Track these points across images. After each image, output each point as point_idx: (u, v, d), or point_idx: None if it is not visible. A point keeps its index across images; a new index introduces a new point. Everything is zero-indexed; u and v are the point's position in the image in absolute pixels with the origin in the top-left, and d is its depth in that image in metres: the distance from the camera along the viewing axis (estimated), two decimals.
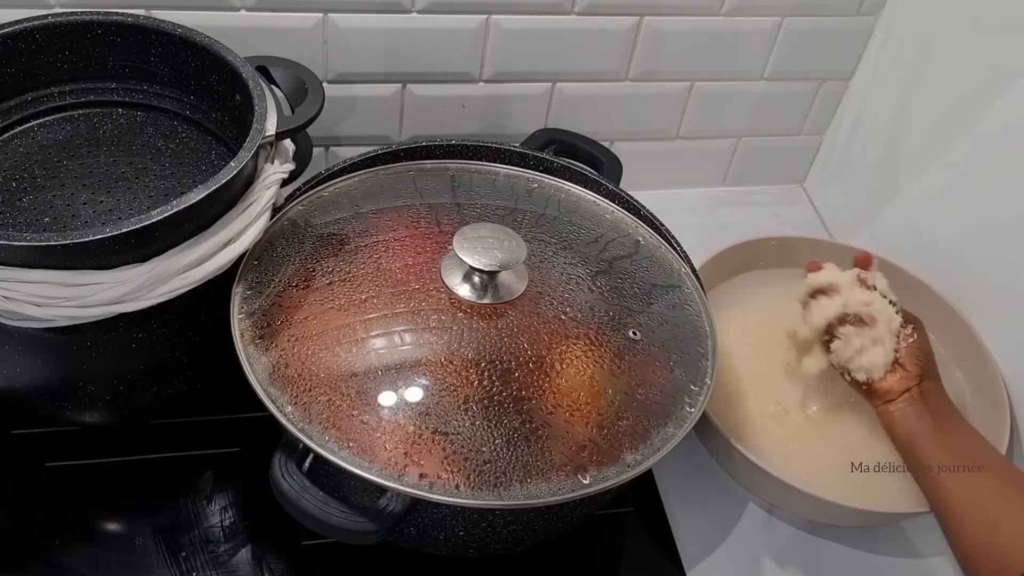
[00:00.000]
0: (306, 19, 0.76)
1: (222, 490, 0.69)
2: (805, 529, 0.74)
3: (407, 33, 0.79)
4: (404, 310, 0.61)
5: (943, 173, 0.83)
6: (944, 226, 0.84)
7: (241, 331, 0.59)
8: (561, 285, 0.65)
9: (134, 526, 0.66)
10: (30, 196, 0.66)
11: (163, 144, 0.71)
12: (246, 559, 0.65)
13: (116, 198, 0.68)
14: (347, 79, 0.81)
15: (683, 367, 0.63)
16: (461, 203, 0.71)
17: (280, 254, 0.64)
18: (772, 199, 1.02)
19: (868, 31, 0.91)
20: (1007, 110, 0.76)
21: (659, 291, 0.68)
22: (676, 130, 0.95)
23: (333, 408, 0.56)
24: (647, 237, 0.73)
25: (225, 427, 0.71)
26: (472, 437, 0.56)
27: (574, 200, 0.75)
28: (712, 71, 0.90)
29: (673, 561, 0.70)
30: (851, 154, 0.97)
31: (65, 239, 0.52)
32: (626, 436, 0.58)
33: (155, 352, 0.61)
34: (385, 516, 0.53)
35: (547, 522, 0.63)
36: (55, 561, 0.64)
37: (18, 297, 0.53)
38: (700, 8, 0.84)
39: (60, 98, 0.70)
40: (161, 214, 0.53)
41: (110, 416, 0.66)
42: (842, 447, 0.72)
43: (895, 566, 0.73)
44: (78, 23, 0.66)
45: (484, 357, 0.59)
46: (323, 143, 0.86)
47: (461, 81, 0.84)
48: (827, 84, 0.95)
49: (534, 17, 0.81)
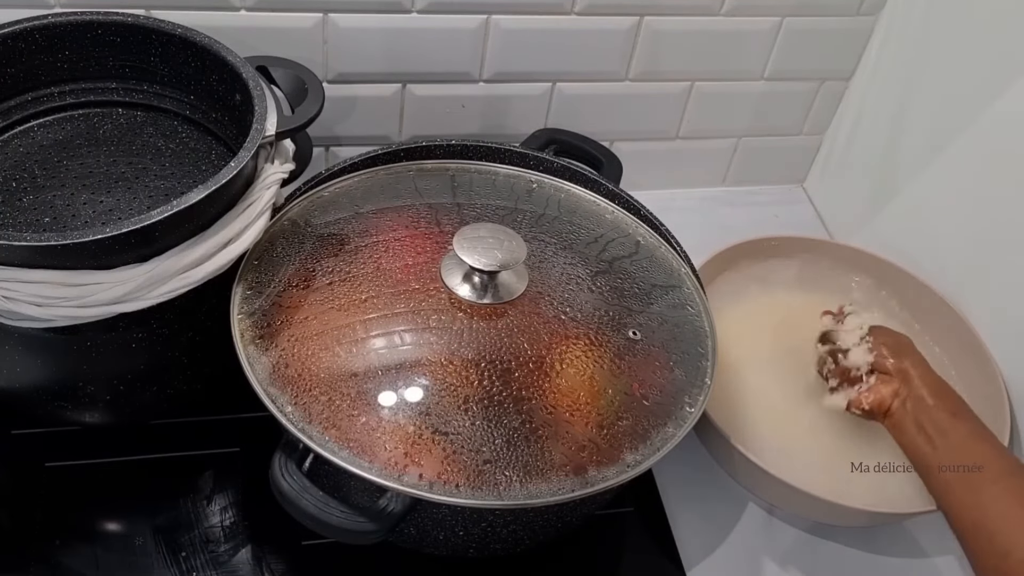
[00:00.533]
0: (306, 19, 0.76)
1: (222, 490, 0.69)
2: (805, 529, 0.74)
3: (407, 33, 0.79)
4: (404, 310, 0.61)
5: (943, 173, 0.83)
6: (944, 226, 0.84)
7: (241, 331, 0.59)
8: (561, 285, 0.65)
9: (134, 526, 0.66)
10: (30, 196, 0.66)
11: (163, 144, 0.71)
12: (246, 559, 0.65)
13: (116, 198, 0.68)
14: (347, 79, 0.81)
15: (683, 367, 0.63)
16: (461, 203, 0.71)
17: (280, 254, 0.64)
18: (772, 199, 1.02)
19: (868, 31, 0.91)
20: (1007, 110, 0.76)
21: (659, 291, 0.68)
22: (676, 130, 0.95)
23: (333, 408, 0.56)
24: (647, 237, 0.73)
25: (225, 427, 0.71)
26: (472, 437, 0.56)
27: (574, 200, 0.75)
28: (712, 71, 0.90)
29: (673, 561, 0.70)
30: (851, 154, 0.97)
31: (65, 239, 0.52)
32: (626, 436, 0.58)
33: (155, 352, 0.61)
34: (385, 516, 0.53)
35: (547, 522, 0.63)
36: (55, 561, 0.64)
37: (18, 297, 0.53)
38: (700, 8, 0.84)
39: (60, 98, 0.70)
40: (161, 214, 0.53)
41: (110, 416, 0.66)
42: (842, 447, 0.73)
43: (896, 566, 0.73)
44: (78, 23, 0.66)
45: (484, 357, 0.59)
46: (323, 143, 0.86)
47: (461, 81, 0.84)
48: (827, 84, 0.95)
49: (534, 17, 0.81)
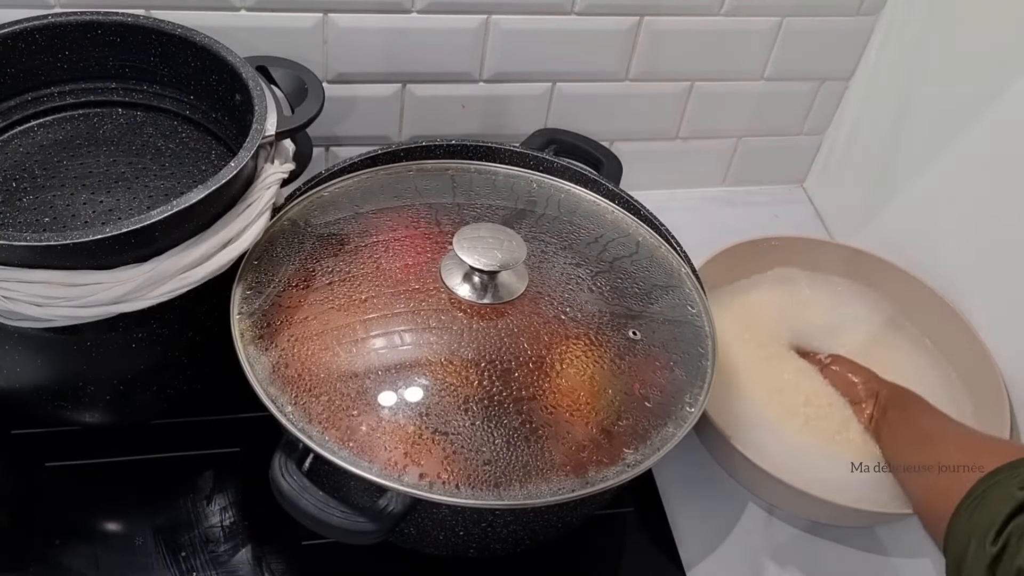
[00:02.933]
0: (306, 19, 0.76)
1: (222, 490, 0.69)
2: (805, 529, 0.74)
3: (407, 33, 0.79)
4: (404, 310, 0.61)
5: (943, 173, 0.83)
6: (944, 226, 0.84)
7: (241, 331, 0.59)
8: (561, 285, 0.65)
9: (134, 526, 0.66)
10: (30, 196, 0.66)
11: (163, 144, 0.71)
12: (246, 559, 0.65)
13: (116, 198, 0.68)
14: (347, 79, 0.81)
15: (683, 367, 0.63)
16: (461, 203, 0.71)
17: (280, 254, 0.64)
18: (772, 199, 1.02)
19: (868, 31, 0.91)
20: (1007, 110, 0.76)
21: (659, 291, 0.68)
22: (676, 130, 0.95)
23: (333, 408, 0.56)
24: (647, 237, 0.73)
25: (225, 427, 0.71)
26: (472, 437, 0.56)
27: (574, 200, 0.75)
28: (712, 71, 0.90)
29: (673, 561, 0.70)
30: (851, 154, 0.97)
31: (65, 239, 0.52)
32: (626, 436, 0.58)
33: (155, 352, 0.61)
34: (385, 516, 0.53)
35: (547, 522, 0.63)
36: (55, 561, 0.64)
37: (18, 297, 0.53)
38: (700, 8, 0.84)
39: (60, 98, 0.70)
40: (161, 214, 0.53)
41: (110, 416, 0.66)
42: (842, 447, 0.72)
43: (895, 566, 0.73)
44: (78, 23, 0.66)
45: (484, 357, 0.59)
46: (323, 143, 0.86)
47: (461, 81, 0.84)
48: (827, 84, 0.95)
49: (534, 17, 0.81)
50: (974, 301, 0.80)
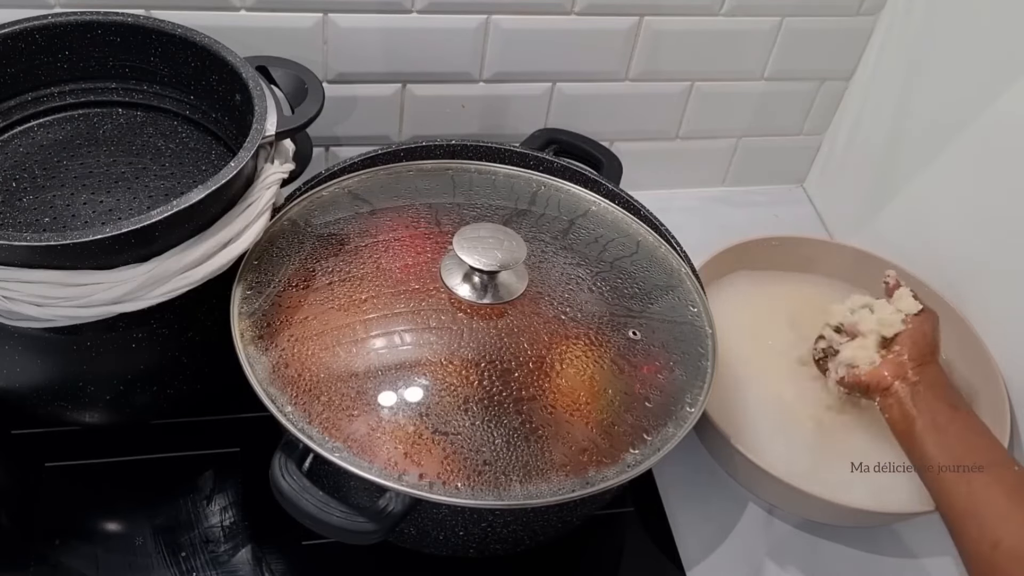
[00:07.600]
0: (306, 19, 0.76)
1: (222, 490, 0.69)
2: (805, 529, 0.74)
3: (407, 33, 0.79)
4: (404, 310, 0.61)
5: (943, 173, 0.83)
6: (944, 226, 0.84)
7: (241, 331, 0.59)
8: (561, 285, 0.65)
9: (134, 526, 0.66)
10: (30, 196, 0.66)
11: (163, 144, 0.71)
12: (246, 559, 0.65)
13: (116, 198, 0.68)
14: (347, 79, 0.81)
15: (683, 367, 0.63)
16: (461, 203, 0.71)
17: (280, 254, 0.64)
18: (772, 199, 1.02)
19: (868, 31, 0.91)
20: (1007, 110, 0.76)
21: (659, 291, 0.68)
22: (676, 130, 0.95)
23: (333, 408, 0.56)
24: (647, 237, 0.73)
25: (225, 427, 0.71)
26: (472, 437, 0.56)
27: (574, 200, 0.75)
28: (712, 71, 0.90)
29: (673, 561, 0.70)
30: (851, 154, 0.97)
31: (65, 239, 0.52)
32: (626, 436, 0.58)
33: (155, 352, 0.61)
34: (385, 516, 0.53)
35: (547, 522, 0.63)
36: (55, 561, 0.64)
37: (18, 297, 0.53)
38: (700, 8, 0.84)
39: (60, 98, 0.70)
40: (161, 214, 0.53)
41: (110, 416, 0.66)
42: (842, 447, 0.73)
43: (895, 566, 0.73)
44: (78, 23, 0.66)
45: (484, 357, 0.59)
46: (323, 143, 0.86)
47: (461, 81, 0.84)
48: (827, 84, 0.95)
49: (534, 17, 0.81)
50: (974, 300, 0.80)
